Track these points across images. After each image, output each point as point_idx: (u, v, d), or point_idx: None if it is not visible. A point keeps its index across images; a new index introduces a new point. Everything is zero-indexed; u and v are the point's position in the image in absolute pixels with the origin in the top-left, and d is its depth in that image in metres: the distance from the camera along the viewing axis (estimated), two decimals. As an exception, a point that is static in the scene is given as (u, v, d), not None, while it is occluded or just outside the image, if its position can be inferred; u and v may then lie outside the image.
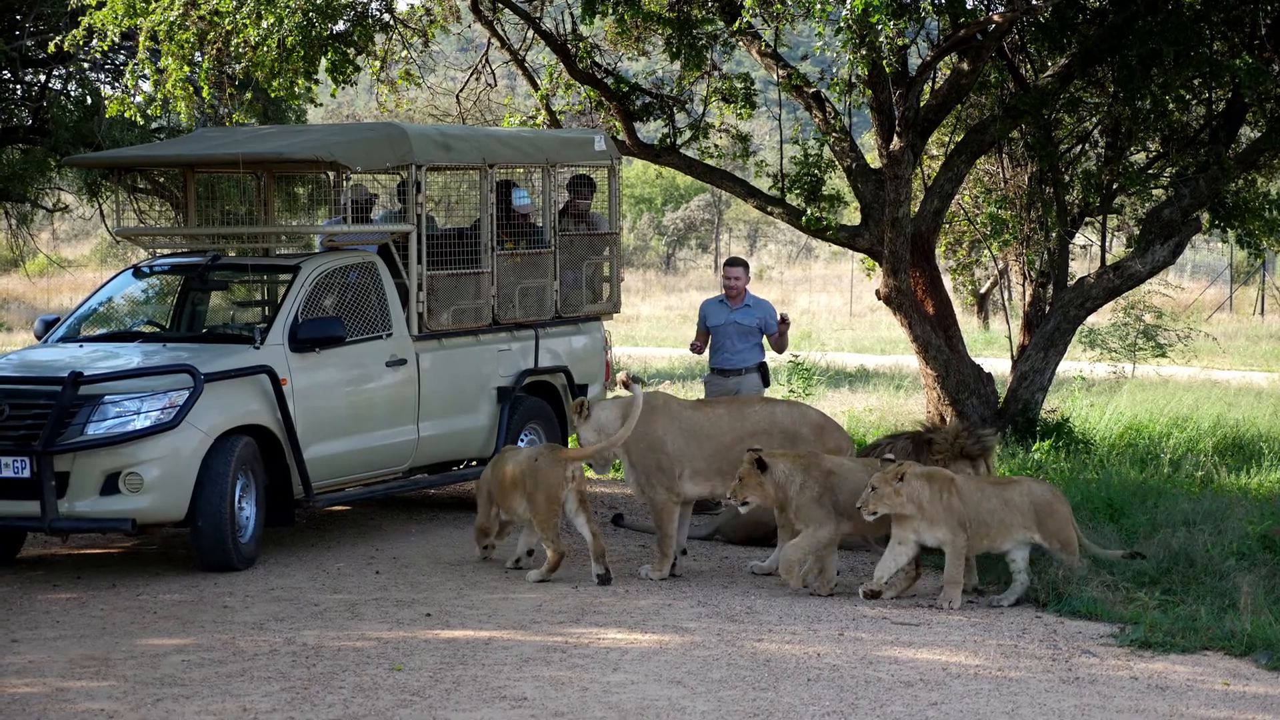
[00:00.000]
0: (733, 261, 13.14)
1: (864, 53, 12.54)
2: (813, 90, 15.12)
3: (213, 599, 9.97)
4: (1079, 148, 16.16)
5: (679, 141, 15.88)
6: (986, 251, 18.19)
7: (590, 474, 12.07)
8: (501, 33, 16.16)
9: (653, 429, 11.26)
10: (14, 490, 10.29)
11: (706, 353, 13.19)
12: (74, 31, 14.11)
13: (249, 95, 14.99)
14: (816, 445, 11.12)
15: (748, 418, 11.48)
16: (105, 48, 14.31)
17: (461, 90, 17.81)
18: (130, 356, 11.05)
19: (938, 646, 8.99)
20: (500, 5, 15.75)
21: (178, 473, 10.39)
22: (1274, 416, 17.60)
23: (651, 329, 33.37)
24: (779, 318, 13.03)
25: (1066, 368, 19.58)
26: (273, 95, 14.70)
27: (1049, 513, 10.11)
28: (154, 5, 13.48)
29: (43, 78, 19.93)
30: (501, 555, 11.12)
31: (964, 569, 10.06)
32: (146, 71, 14.10)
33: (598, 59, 15.87)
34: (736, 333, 12.86)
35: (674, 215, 52.91)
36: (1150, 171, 15.78)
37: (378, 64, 15.52)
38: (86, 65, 19.28)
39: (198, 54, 13.97)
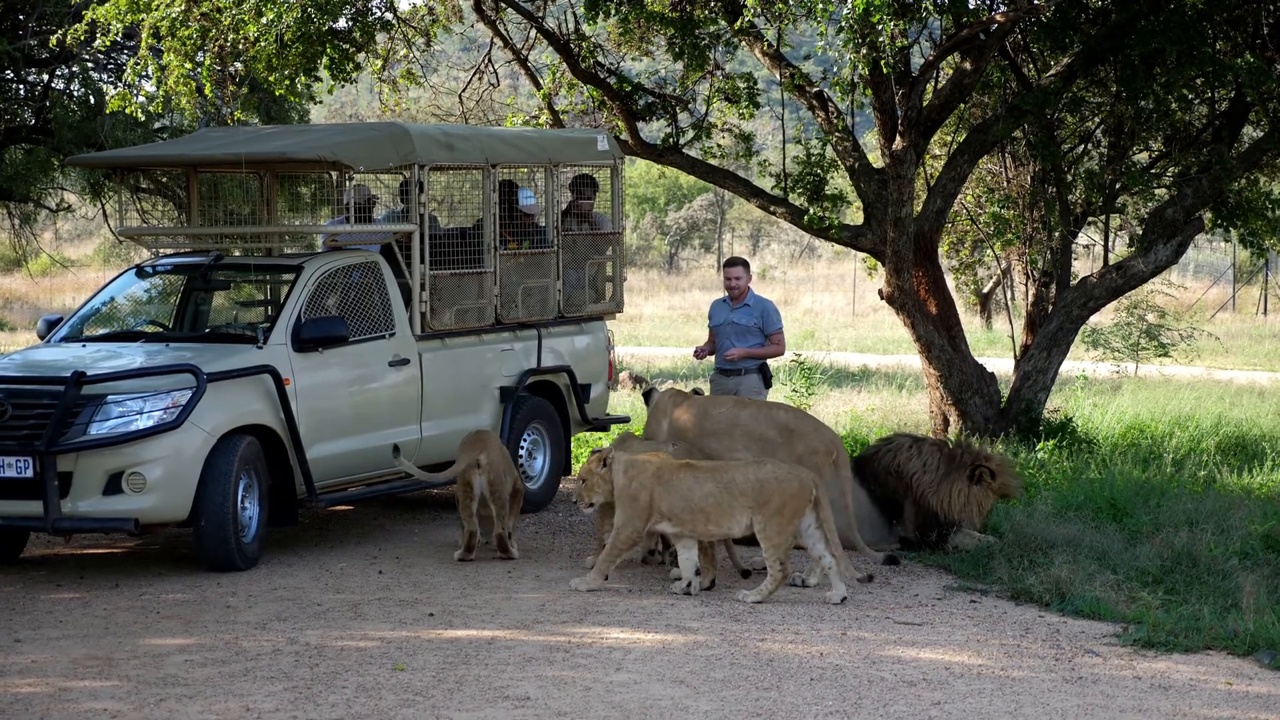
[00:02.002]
0: (731, 262, 13.09)
1: (865, 53, 12.54)
2: (815, 90, 15.12)
3: (216, 599, 9.98)
4: (1082, 147, 16.17)
5: (682, 141, 15.89)
6: (989, 251, 18.20)
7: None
8: (504, 32, 16.17)
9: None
10: (17, 490, 10.29)
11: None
12: (76, 26, 14.11)
13: (245, 90, 14.99)
14: (783, 449, 11.04)
15: (711, 418, 11.47)
16: (108, 43, 14.32)
17: (464, 90, 17.83)
18: (133, 356, 11.05)
19: (941, 646, 8.99)
20: (503, 5, 15.76)
21: (181, 472, 10.39)
22: (1277, 416, 17.60)
23: (654, 329, 33.39)
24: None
25: (1069, 367, 19.58)
26: (273, 92, 14.71)
27: (772, 495, 9.86)
28: (156, 1, 13.49)
29: (46, 77, 19.93)
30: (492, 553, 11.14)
31: (619, 554, 10.07)
32: (149, 69, 14.10)
33: (600, 59, 15.88)
34: (734, 332, 12.83)
35: (677, 215, 52.95)
36: (1153, 171, 15.79)
37: (379, 63, 15.53)
38: (90, 65, 19.29)
39: (200, 52, 13.97)
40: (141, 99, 14.85)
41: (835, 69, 15.64)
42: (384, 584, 10.45)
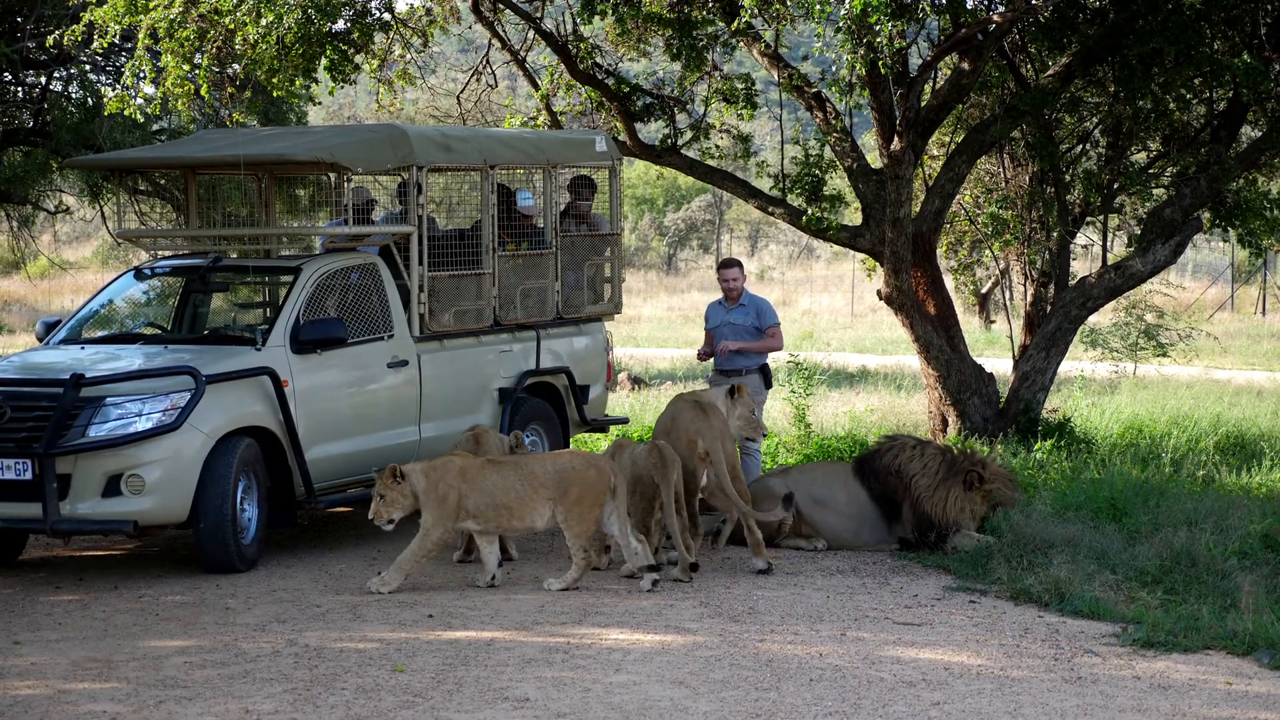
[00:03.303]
0: (727, 263, 13.10)
1: (863, 53, 12.54)
2: (813, 90, 15.12)
3: (215, 600, 9.98)
4: (1080, 147, 16.16)
5: (680, 142, 15.88)
6: (988, 251, 18.19)
7: None
8: (502, 33, 16.16)
9: None
10: (16, 492, 10.29)
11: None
12: (73, 28, 14.10)
13: (248, 94, 14.98)
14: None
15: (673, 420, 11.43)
16: (105, 44, 14.31)
17: (462, 91, 17.82)
18: (132, 358, 11.05)
19: (940, 646, 8.99)
20: (501, 6, 15.76)
21: (180, 474, 10.39)
22: (1275, 416, 17.60)
23: (653, 330, 33.39)
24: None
25: (1068, 367, 19.58)
26: (273, 94, 14.70)
27: (570, 485, 10.06)
28: (154, 3, 13.49)
29: (44, 80, 19.93)
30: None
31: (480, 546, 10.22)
32: (146, 70, 14.09)
33: (598, 60, 15.88)
34: (731, 333, 12.84)
35: (675, 216, 52.95)
36: (1151, 171, 15.78)
37: (376, 63, 15.52)
38: (87, 67, 19.28)
39: (197, 53, 13.97)
40: (139, 101, 14.85)
41: (833, 70, 15.63)
42: (383, 585, 10.45)
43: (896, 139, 14.53)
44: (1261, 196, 15.68)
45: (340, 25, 14.16)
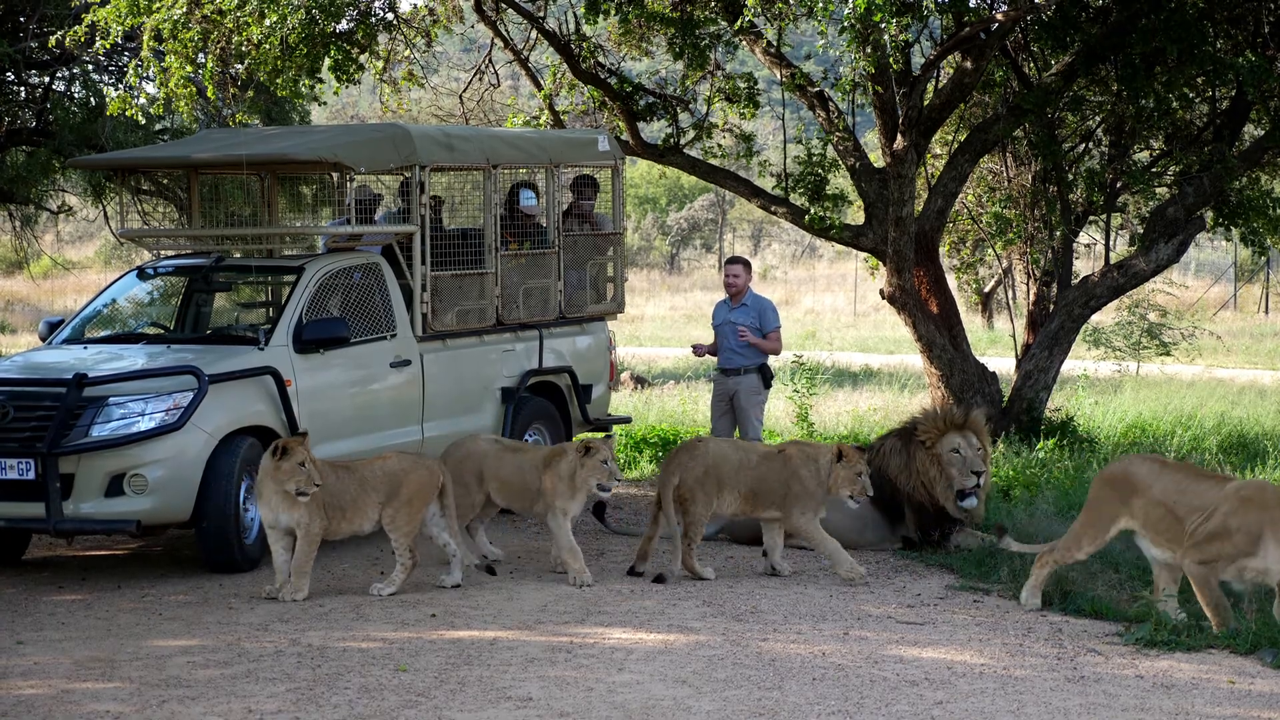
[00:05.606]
0: (732, 260, 13.13)
1: (868, 50, 12.53)
2: (816, 89, 15.11)
3: (218, 600, 9.98)
4: (1083, 146, 16.16)
5: (683, 141, 15.88)
6: (990, 250, 18.19)
7: None
8: (505, 33, 16.16)
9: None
10: (19, 492, 10.29)
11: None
12: (76, 28, 14.10)
13: (250, 93, 14.99)
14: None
15: None
16: (108, 45, 14.31)
17: (465, 90, 17.82)
18: (135, 358, 11.05)
19: (943, 645, 8.99)
20: (503, 5, 15.75)
21: (182, 474, 10.39)
22: (1278, 415, 17.59)
23: (656, 329, 33.38)
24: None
25: (1071, 366, 19.57)
26: (276, 94, 14.70)
27: (400, 485, 10.06)
28: (157, 4, 13.49)
29: (46, 80, 19.94)
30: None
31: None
32: (150, 71, 14.10)
33: (601, 59, 15.88)
34: (732, 332, 12.85)
35: (678, 215, 52.94)
36: (1154, 170, 15.78)
37: (380, 63, 15.52)
38: (90, 67, 19.29)
39: (200, 54, 13.96)
40: (142, 101, 14.85)
41: (836, 68, 15.62)
42: (386, 585, 10.45)
43: (899, 138, 14.52)
44: (1264, 195, 15.67)
45: (344, 25, 14.16)
